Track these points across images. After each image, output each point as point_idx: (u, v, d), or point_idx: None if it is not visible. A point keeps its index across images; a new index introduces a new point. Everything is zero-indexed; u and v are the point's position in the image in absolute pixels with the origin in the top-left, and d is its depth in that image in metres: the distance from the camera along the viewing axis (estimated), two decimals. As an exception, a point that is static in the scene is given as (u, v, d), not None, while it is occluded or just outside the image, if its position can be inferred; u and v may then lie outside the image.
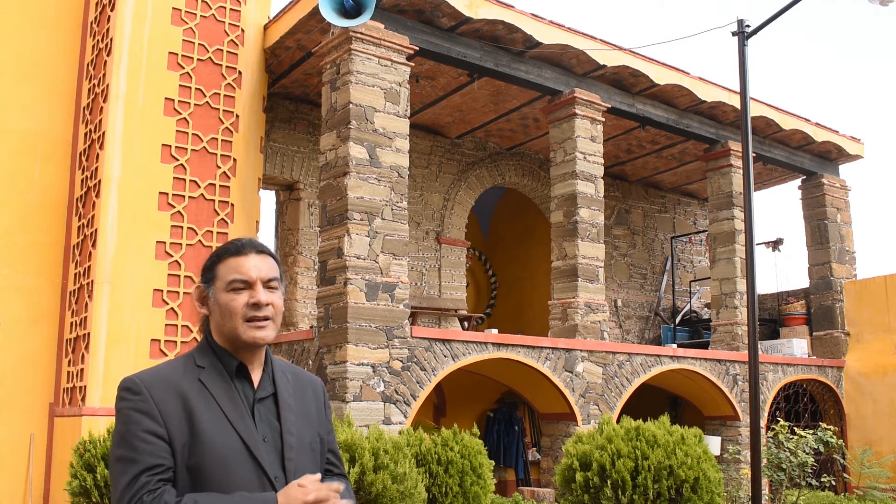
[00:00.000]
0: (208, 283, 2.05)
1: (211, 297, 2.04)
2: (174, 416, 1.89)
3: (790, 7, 7.97)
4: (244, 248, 2.05)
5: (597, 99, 10.82)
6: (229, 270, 2.02)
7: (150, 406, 1.89)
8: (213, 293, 2.03)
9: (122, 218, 8.80)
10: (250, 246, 2.06)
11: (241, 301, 2.00)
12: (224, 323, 2.01)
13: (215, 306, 2.03)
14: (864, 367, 12.97)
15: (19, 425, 9.09)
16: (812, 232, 13.97)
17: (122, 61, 9.02)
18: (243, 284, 2.01)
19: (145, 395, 1.90)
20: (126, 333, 8.63)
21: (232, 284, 2.01)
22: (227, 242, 2.10)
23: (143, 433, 1.86)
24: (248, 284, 2.01)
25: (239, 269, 2.01)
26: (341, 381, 8.10)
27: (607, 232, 14.32)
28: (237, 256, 2.03)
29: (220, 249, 2.08)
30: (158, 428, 1.87)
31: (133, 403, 1.90)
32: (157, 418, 1.88)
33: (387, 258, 8.59)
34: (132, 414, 1.89)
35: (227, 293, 2.01)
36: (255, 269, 2.02)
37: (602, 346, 10.16)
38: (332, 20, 7.61)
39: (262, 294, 2.01)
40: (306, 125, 11.77)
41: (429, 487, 6.67)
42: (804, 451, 9.05)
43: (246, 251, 2.04)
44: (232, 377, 2.01)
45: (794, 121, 12.86)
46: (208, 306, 2.06)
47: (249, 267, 2.02)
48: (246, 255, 2.04)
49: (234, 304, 1.99)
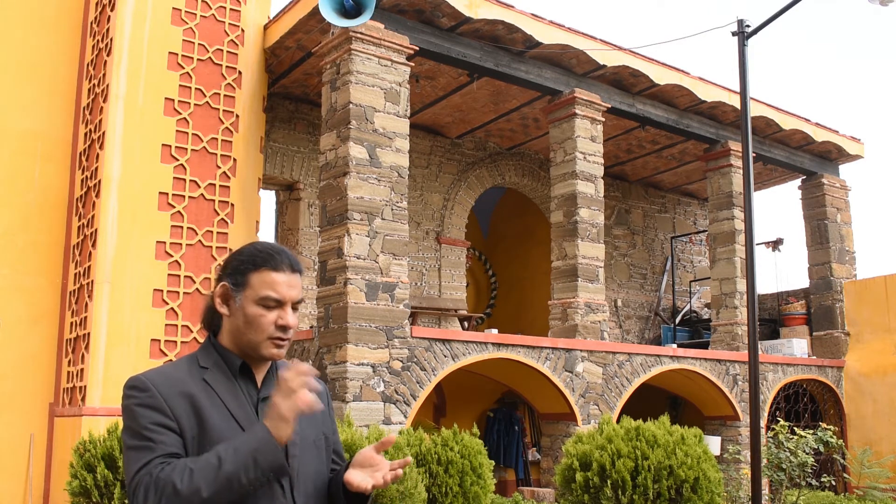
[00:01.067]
0: (237, 287, 2.00)
1: (237, 302, 2.00)
2: (183, 412, 1.89)
3: (790, 7, 7.97)
4: (283, 264, 2.01)
5: (597, 99, 10.82)
6: (264, 285, 1.98)
7: (159, 401, 1.88)
8: (241, 300, 1.99)
9: (122, 218, 8.80)
10: (288, 263, 2.02)
11: (270, 319, 1.97)
12: (245, 333, 1.99)
13: (240, 313, 1.99)
14: (864, 367, 12.96)
15: (19, 425, 9.09)
16: (812, 232, 13.97)
17: (122, 61, 9.02)
18: (276, 303, 1.98)
19: (153, 391, 1.89)
20: (126, 333, 8.63)
21: (265, 301, 1.97)
22: (262, 248, 2.03)
23: (154, 425, 1.86)
24: (280, 304, 1.99)
25: (274, 287, 1.98)
26: (341, 381, 8.10)
27: (607, 232, 14.32)
28: (275, 272, 1.99)
29: (256, 256, 2.02)
30: (169, 421, 1.87)
31: (141, 400, 1.89)
32: (166, 412, 1.87)
33: (387, 258, 8.59)
34: (141, 410, 1.88)
35: (257, 306, 1.98)
36: (289, 288, 1.99)
37: (602, 346, 10.16)
38: (332, 20, 7.61)
39: (290, 317, 1.99)
40: (306, 125, 11.77)
41: (429, 487, 6.67)
42: (804, 451, 9.05)
43: (283, 268, 2.00)
44: (236, 376, 2.01)
45: (794, 121, 12.86)
46: (231, 308, 2.02)
47: (284, 287, 1.99)
48: (282, 272, 2.00)
49: (263, 321, 1.97)
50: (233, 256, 2.06)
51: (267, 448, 1.77)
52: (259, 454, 1.77)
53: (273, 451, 1.78)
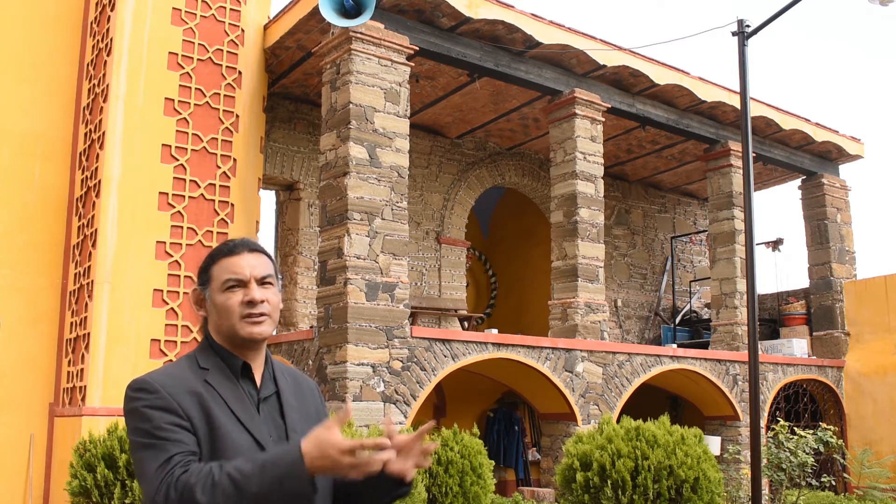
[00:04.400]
0: (204, 286, 2.06)
1: (207, 298, 2.05)
2: (193, 411, 1.88)
3: (790, 7, 7.97)
4: (237, 247, 2.06)
5: (597, 99, 10.82)
6: (223, 271, 2.03)
7: (170, 402, 1.87)
8: (210, 295, 2.04)
9: (122, 218, 8.80)
10: (243, 245, 2.07)
11: (236, 299, 2.00)
12: (221, 322, 2.02)
13: (212, 307, 2.04)
14: (864, 367, 12.96)
15: (19, 425, 9.09)
16: (812, 232, 13.96)
17: (122, 61, 9.02)
18: (237, 283, 2.01)
19: (162, 392, 1.88)
20: (126, 333, 8.63)
21: (226, 284, 2.01)
22: (220, 244, 2.11)
23: (166, 425, 1.84)
24: (243, 283, 2.02)
25: (232, 269, 2.02)
26: (341, 381, 8.10)
27: (607, 232, 14.32)
28: (230, 256, 2.04)
29: (213, 251, 2.09)
30: (183, 421, 1.86)
31: (150, 402, 1.88)
32: (178, 412, 1.86)
33: (387, 258, 8.59)
34: (151, 412, 1.86)
35: (222, 293, 2.01)
36: (249, 267, 2.03)
37: (602, 346, 10.15)
38: (332, 20, 7.61)
39: (256, 292, 2.01)
40: (306, 125, 11.77)
41: (429, 487, 6.67)
42: (804, 451, 9.04)
43: (239, 251, 2.05)
44: (237, 377, 2.01)
45: (794, 121, 12.86)
46: (205, 308, 2.07)
47: (243, 266, 2.03)
48: (239, 255, 2.04)
49: (229, 303, 2.00)
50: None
51: (296, 475, 1.71)
52: (287, 481, 1.71)
53: (302, 480, 1.71)
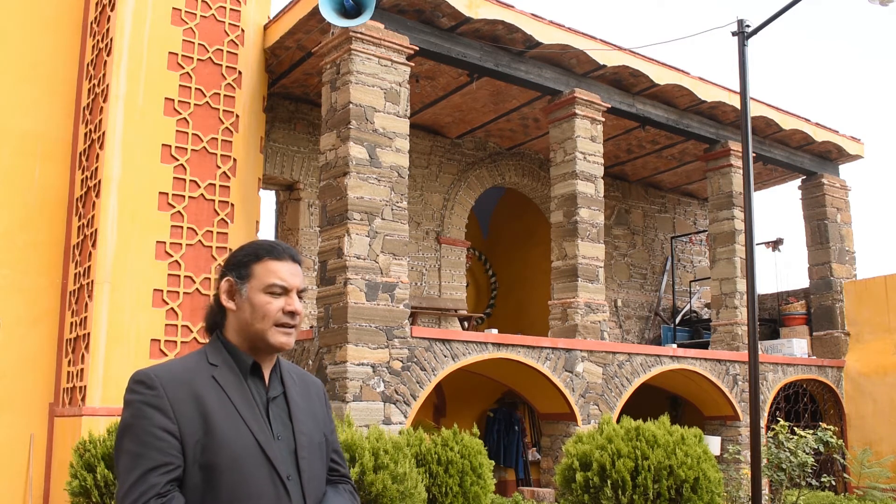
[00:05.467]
0: (242, 280, 2.03)
1: (243, 294, 2.02)
2: (187, 414, 1.88)
3: (790, 7, 7.97)
4: (283, 253, 2.05)
5: (597, 99, 10.82)
6: (269, 273, 2.02)
7: (164, 402, 1.87)
8: (247, 291, 2.02)
9: (122, 218, 8.80)
10: (287, 252, 2.07)
11: (276, 305, 2.00)
12: (253, 323, 2.00)
13: (246, 304, 2.01)
14: (864, 367, 12.96)
15: (19, 425, 9.09)
16: (812, 232, 13.96)
17: (122, 61, 9.02)
18: (281, 290, 2.01)
19: (160, 390, 1.89)
20: (126, 333, 8.63)
21: (271, 288, 2.01)
22: (262, 242, 2.08)
23: (153, 429, 1.85)
24: (286, 291, 2.02)
25: (279, 274, 2.02)
26: (341, 381, 8.10)
27: (607, 232, 14.32)
28: (277, 261, 2.03)
29: (257, 248, 2.06)
30: (170, 424, 1.86)
31: (146, 398, 1.88)
32: (169, 414, 1.87)
33: (387, 258, 8.59)
34: (144, 408, 1.87)
35: (264, 295, 2.00)
36: (292, 276, 2.04)
37: (602, 346, 10.15)
38: (332, 20, 7.61)
39: (297, 303, 2.03)
40: (306, 125, 11.77)
41: (429, 487, 6.67)
42: (804, 451, 9.04)
43: (284, 256, 2.05)
44: (246, 376, 2.01)
45: (794, 121, 12.86)
46: (237, 302, 2.03)
47: (288, 274, 2.03)
48: (285, 261, 2.04)
49: (270, 308, 2.00)
50: (234, 253, 2.10)
51: None
52: None
53: None
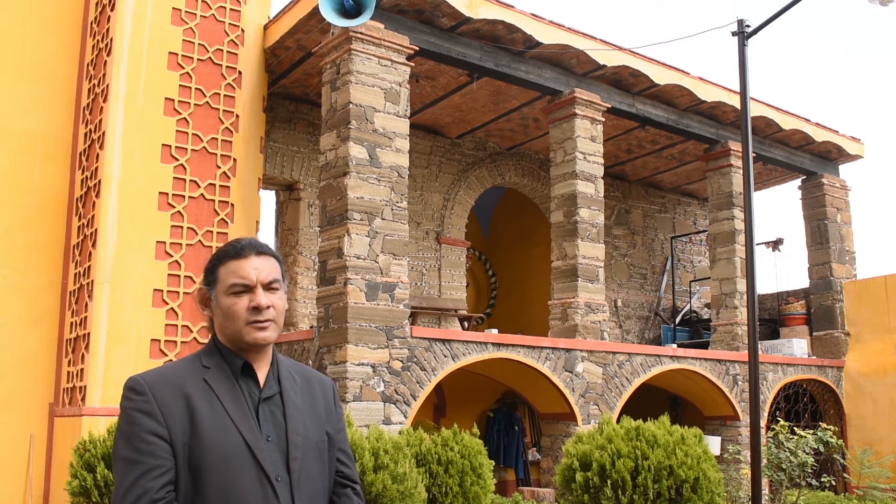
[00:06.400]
0: (210, 286, 2.06)
1: (213, 299, 2.05)
2: (176, 417, 1.91)
3: (790, 7, 7.96)
4: (244, 249, 2.05)
5: (597, 99, 10.82)
6: (230, 273, 2.03)
7: (153, 406, 1.91)
8: (215, 296, 2.04)
9: (122, 218, 8.80)
10: (250, 247, 2.06)
11: (242, 305, 2.01)
12: (227, 325, 2.03)
13: (217, 309, 2.05)
14: (864, 367, 12.96)
15: (19, 425, 9.09)
16: (812, 232, 13.97)
17: (122, 61, 9.02)
18: (244, 288, 2.01)
19: (148, 395, 1.92)
20: (126, 333, 8.63)
21: (233, 288, 2.01)
22: (227, 244, 2.10)
23: (144, 434, 1.89)
24: (249, 288, 2.02)
25: (239, 273, 2.02)
26: (341, 382, 8.10)
27: (607, 232, 14.32)
28: (237, 259, 2.04)
29: (220, 251, 2.08)
30: (160, 428, 1.90)
31: (136, 404, 1.92)
32: (158, 418, 1.90)
33: (387, 258, 8.59)
34: (135, 414, 1.91)
35: (228, 297, 2.02)
36: (256, 271, 2.03)
37: (602, 346, 10.15)
38: (332, 20, 7.61)
39: (262, 297, 2.01)
40: (306, 125, 11.77)
41: (429, 487, 6.67)
42: (804, 451, 9.04)
43: (246, 253, 2.05)
44: (237, 377, 2.02)
45: (794, 121, 12.86)
46: (211, 308, 2.07)
47: (249, 270, 2.02)
48: (246, 258, 2.04)
49: (235, 308, 2.01)
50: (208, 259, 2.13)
51: None
52: None
53: None
